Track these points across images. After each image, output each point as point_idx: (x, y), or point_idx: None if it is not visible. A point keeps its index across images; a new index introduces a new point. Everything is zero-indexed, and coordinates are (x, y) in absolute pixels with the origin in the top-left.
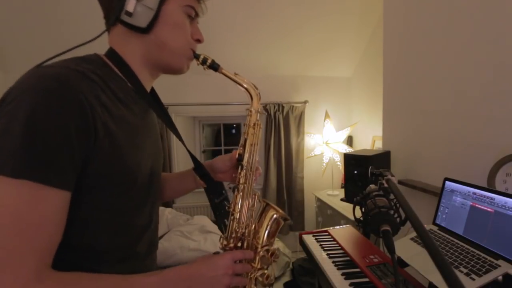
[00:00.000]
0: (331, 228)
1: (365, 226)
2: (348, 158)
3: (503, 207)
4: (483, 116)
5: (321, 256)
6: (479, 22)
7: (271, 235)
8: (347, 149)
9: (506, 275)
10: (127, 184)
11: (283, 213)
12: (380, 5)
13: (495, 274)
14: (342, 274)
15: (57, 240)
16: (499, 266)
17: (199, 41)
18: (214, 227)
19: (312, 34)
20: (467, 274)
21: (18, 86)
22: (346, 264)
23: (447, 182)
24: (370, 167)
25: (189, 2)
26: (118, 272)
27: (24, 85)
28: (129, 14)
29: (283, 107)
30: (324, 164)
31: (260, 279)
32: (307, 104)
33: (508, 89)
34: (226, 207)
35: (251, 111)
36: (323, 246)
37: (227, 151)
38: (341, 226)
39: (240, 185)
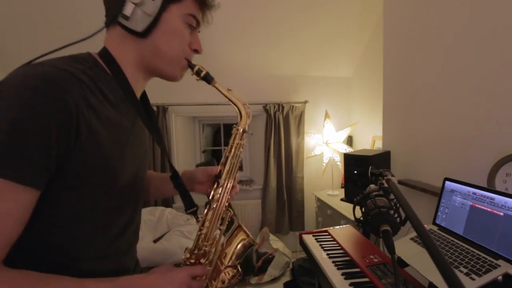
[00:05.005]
0: (331, 228)
1: (365, 226)
2: (348, 158)
3: (503, 207)
4: (483, 116)
5: (321, 256)
6: (480, 22)
7: (236, 257)
8: (347, 149)
9: (506, 275)
10: (109, 184)
11: (252, 238)
12: (380, 4)
13: (495, 274)
14: (342, 274)
15: (14, 238)
16: (499, 266)
17: (196, 51)
18: None
19: (312, 34)
20: (467, 274)
21: (6, 82)
22: (346, 264)
23: (447, 182)
24: (370, 167)
25: (191, 11)
26: (96, 270)
27: (12, 82)
28: (126, 17)
29: (283, 107)
30: (324, 164)
31: None
32: (307, 104)
33: (508, 89)
34: (196, 221)
35: (238, 129)
36: (323, 246)
37: None
38: (341, 226)
39: (213, 202)
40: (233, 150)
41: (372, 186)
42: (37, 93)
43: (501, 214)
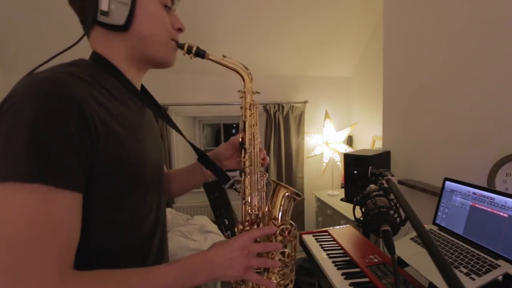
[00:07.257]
0: (331, 228)
1: (365, 226)
2: (348, 158)
3: (504, 207)
4: (483, 116)
5: (321, 256)
6: (479, 22)
7: (285, 214)
8: (347, 149)
9: (506, 275)
10: (136, 180)
11: (294, 190)
12: (380, 4)
13: (495, 274)
14: (342, 274)
15: (75, 242)
16: (499, 266)
17: (180, 30)
18: (214, 227)
19: (312, 34)
20: (467, 274)
21: (14, 94)
22: (346, 264)
23: (447, 182)
24: (370, 167)
25: None
26: (138, 265)
27: (20, 91)
28: (105, 13)
29: (283, 107)
30: (324, 164)
31: (282, 258)
32: (307, 104)
33: (508, 89)
34: (237, 192)
35: (244, 92)
36: (323, 246)
37: None
38: (341, 226)
39: (247, 168)
40: (247, 113)
41: (372, 186)
42: (48, 96)
43: (505, 215)
